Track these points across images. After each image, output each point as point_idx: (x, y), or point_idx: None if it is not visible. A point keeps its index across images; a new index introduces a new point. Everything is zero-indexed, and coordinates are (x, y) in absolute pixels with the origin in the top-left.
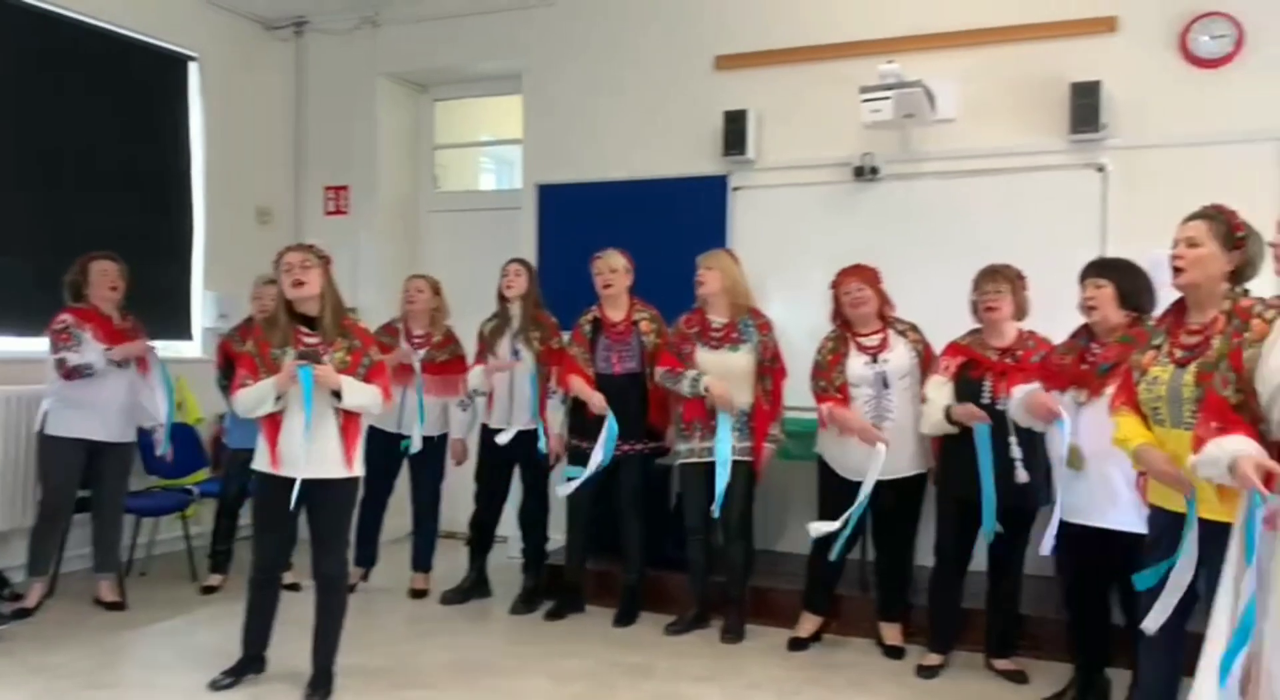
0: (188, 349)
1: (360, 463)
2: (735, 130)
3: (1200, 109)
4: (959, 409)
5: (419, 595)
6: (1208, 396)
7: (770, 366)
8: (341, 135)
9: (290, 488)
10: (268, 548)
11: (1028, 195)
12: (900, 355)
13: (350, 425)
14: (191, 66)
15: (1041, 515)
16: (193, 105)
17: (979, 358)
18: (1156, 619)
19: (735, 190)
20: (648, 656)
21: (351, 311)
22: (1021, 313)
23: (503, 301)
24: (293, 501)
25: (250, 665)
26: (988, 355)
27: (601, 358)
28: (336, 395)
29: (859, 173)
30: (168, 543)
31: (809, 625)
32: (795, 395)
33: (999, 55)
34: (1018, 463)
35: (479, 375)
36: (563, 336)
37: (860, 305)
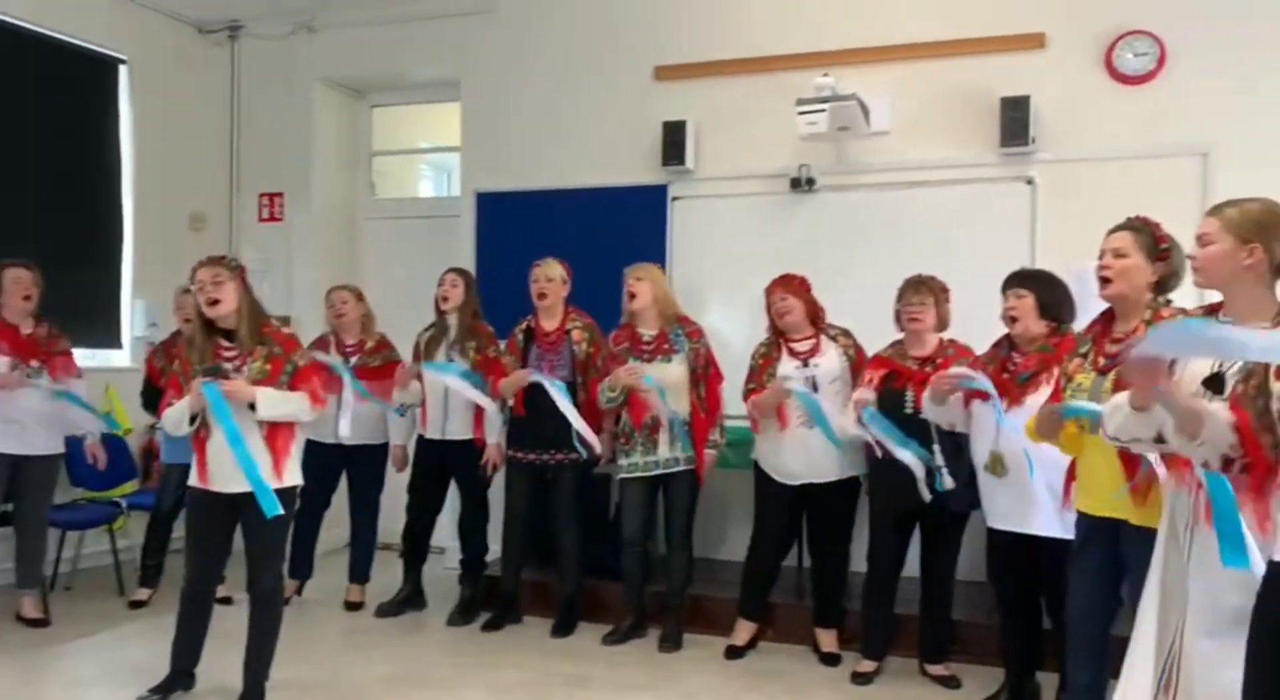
0: (117, 358)
1: (295, 473)
2: (674, 140)
3: (1125, 124)
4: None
5: (354, 607)
6: None
7: (704, 373)
8: (277, 141)
9: (222, 502)
10: (201, 562)
11: (960, 207)
12: (831, 360)
13: (277, 436)
14: (121, 69)
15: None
16: (123, 109)
17: (900, 368)
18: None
19: (675, 200)
20: (585, 667)
21: (280, 320)
22: (943, 324)
23: (440, 312)
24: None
25: (178, 681)
26: (908, 365)
27: (533, 367)
28: (253, 408)
29: (796, 184)
30: (94, 557)
31: (745, 633)
32: (734, 404)
33: (932, 70)
34: (942, 470)
35: (416, 389)
36: (499, 346)
37: (785, 314)
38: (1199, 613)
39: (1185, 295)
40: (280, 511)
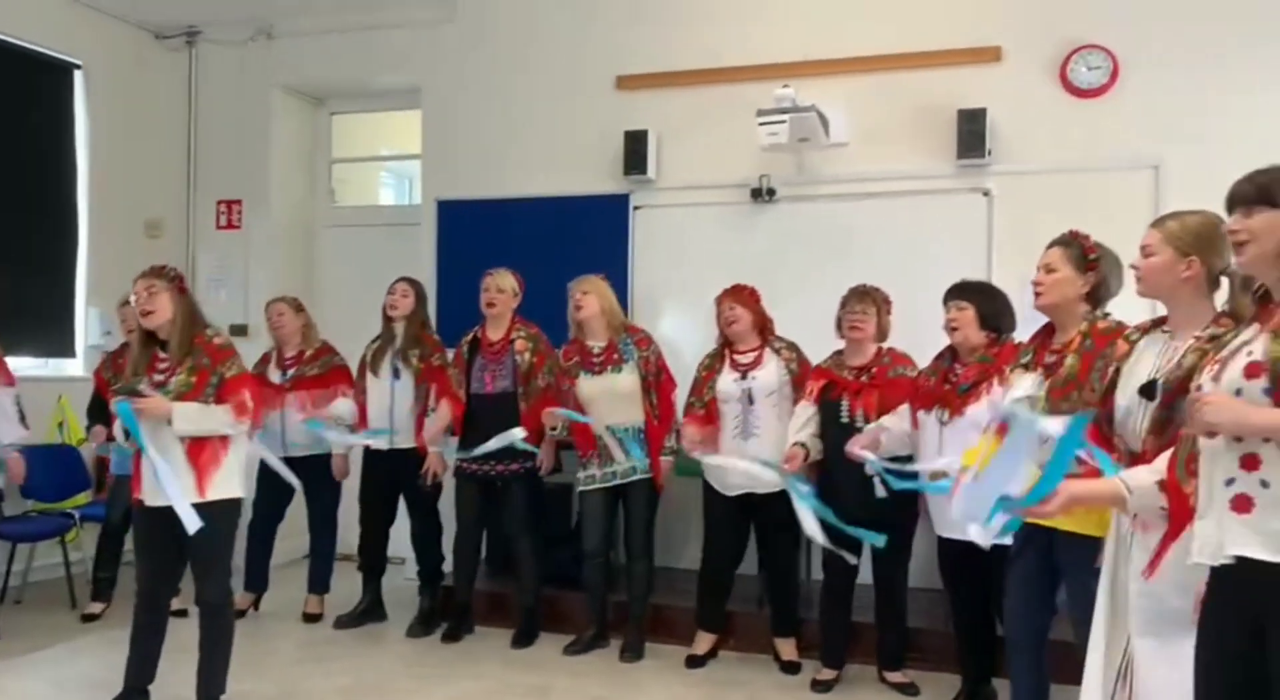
0: (70, 367)
1: (231, 486)
2: (636, 150)
3: (1079, 136)
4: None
5: (312, 619)
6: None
7: (656, 380)
8: (235, 148)
9: (162, 516)
10: (149, 575)
11: (918, 217)
12: (770, 373)
13: (201, 451)
14: (77, 74)
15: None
16: (78, 114)
17: (836, 379)
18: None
19: (636, 209)
20: (546, 677)
21: (212, 331)
22: (883, 335)
23: (387, 320)
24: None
25: (132, 697)
26: (844, 375)
27: (476, 377)
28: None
29: (756, 194)
30: (46, 569)
31: (705, 643)
32: (683, 394)
33: (890, 82)
34: (875, 480)
35: (346, 406)
36: (445, 354)
37: (732, 324)
38: (1139, 613)
39: (1128, 306)
40: (199, 527)
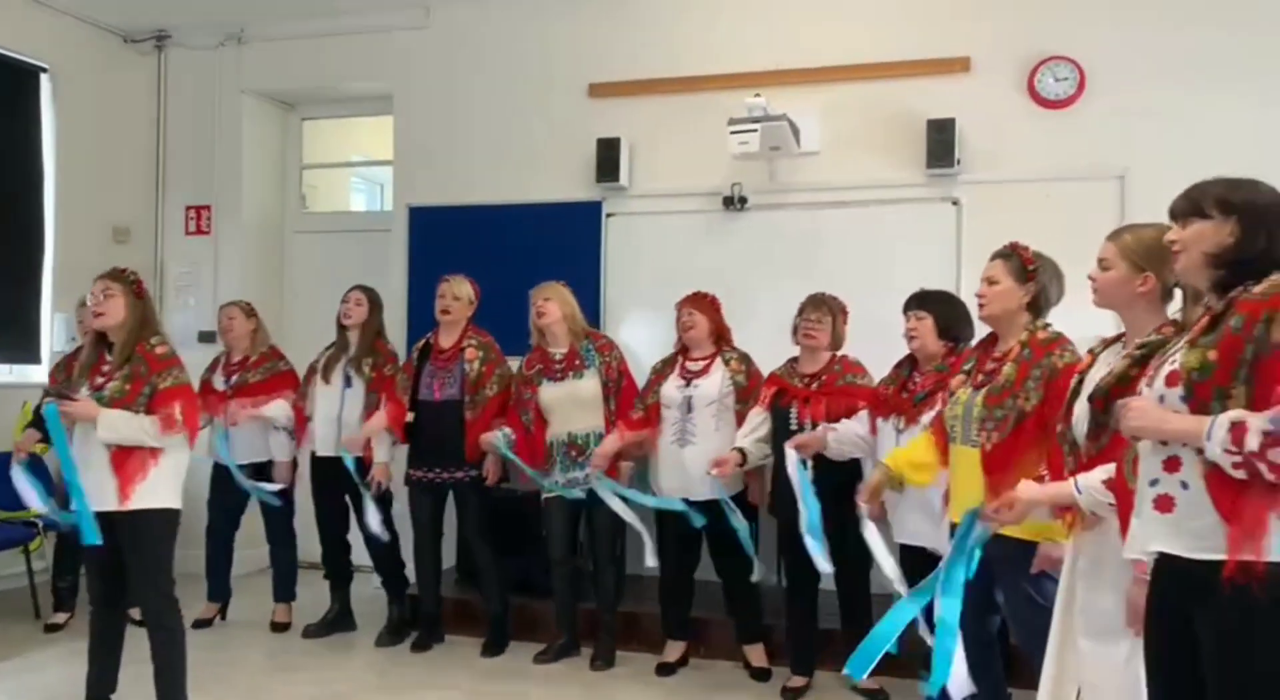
0: (36, 373)
1: (162, 495)
2: (609, 157)
3: (1046, 146)
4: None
5: (280, 628)
6: (1022, 428)
7: (617, 386)
8: (204, 153)
9: (99, 522)
10: (98, 582)
11: (887, 227)
12: (713, 382)
13: (126, 460)
14: (43, 78)
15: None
16: (45, 118)
17: (786, 385)
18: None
19: (609, 217)
20: (517, 686)
21: (157, 340)
22: (837, 344)
23: (341, 328)
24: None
25: None
26: (795, 382)
27: (425, 384)
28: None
29: (728, 202)
30: (9, 579)
31: (675, 650)
32: None
33: (860, 92)
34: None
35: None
36: (398, 364)
37: (688, 330)
38: (1082, 613)
39: (1086, 316)
40: (96, 542)
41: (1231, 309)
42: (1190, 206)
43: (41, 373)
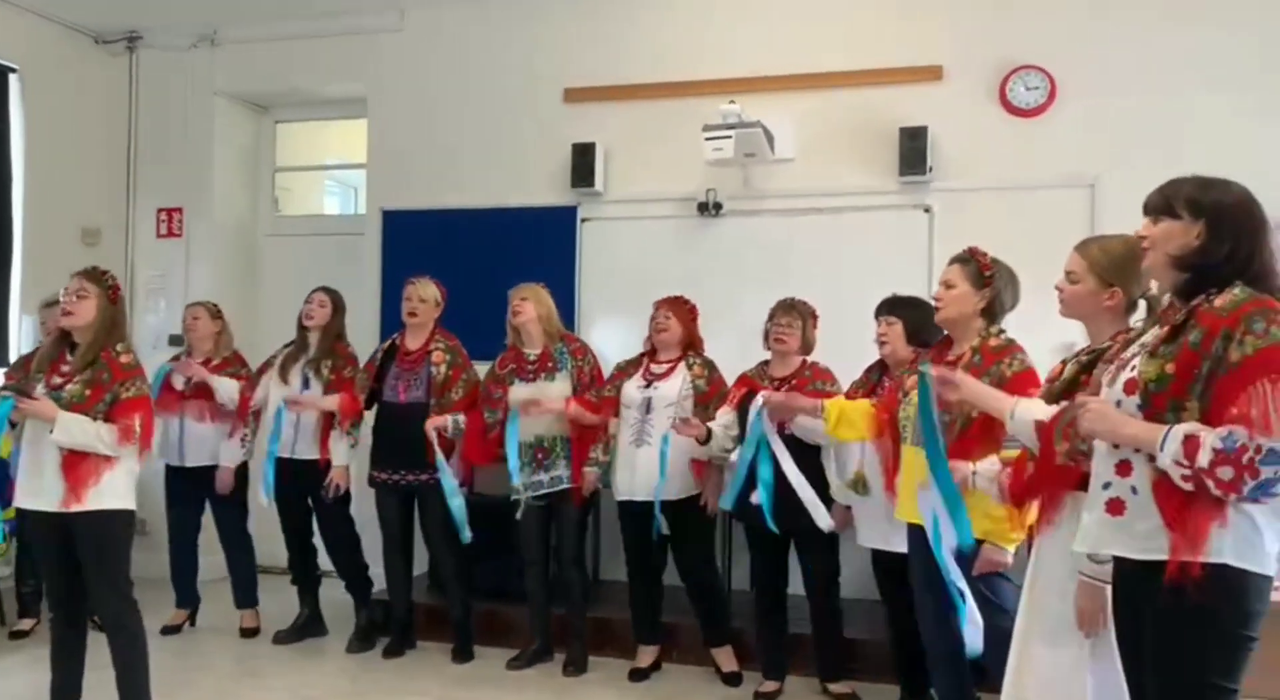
0: (3, 375)
1: (113, 497)
2: (584, 162)
3: (1017, 155)
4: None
5: (250, 634)
6: (970, 432)
7: (588, 391)
8: (176, 155)
9: (49, 522)
10: (55, 586)
11: (861, 233)
12: (673, 385)
13: (78, 464)
14: (12, 78)
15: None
16: (13, 119)
17: (756, 387)
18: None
19: (584, 222)
20: (489, 692)
21: (123, 348)
22: (807, 348)
23: (302, 329)
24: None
25: None
26: (765, 384)
27: (389, 385)
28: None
29: (703, 208)
30: None
31: (647, 655)
32: None
33: (834, 99)
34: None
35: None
36: (358, 368)
37: (661, 332)
38: (1033, 616)
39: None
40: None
41: (1192, 320)
42: (1162, 203)
43: None
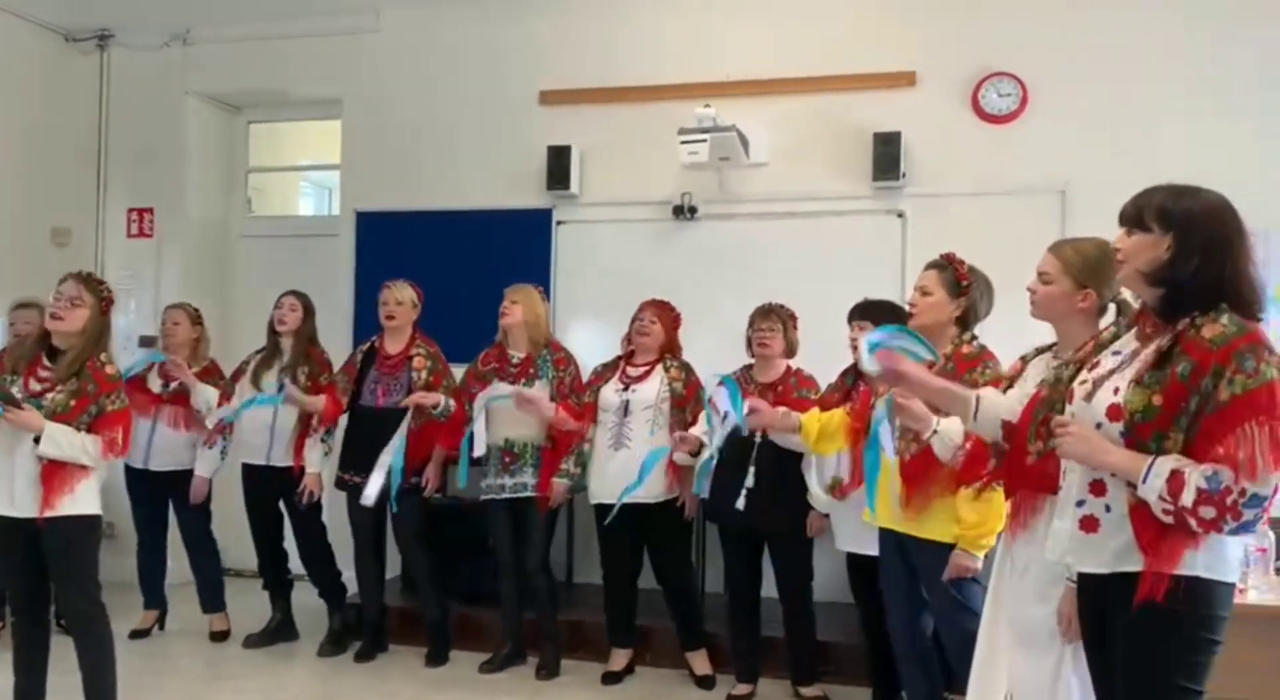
0: None
1: (83, 502)
2: (559, 165)
3: (990, 160)
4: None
5: (220, 638)
6: (976, 445)
7: (567, 401)
8: (148, 154)
9: (12, 524)
10: (17, 588)
11: (835, 238)
12: (651, 388)
13: (56, 472)
14: None
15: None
16: None
17: (744, 392)
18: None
19: (559, 224)
20: (461, 695)
21: (106, 358)
22: (790, 351)
23: (274, 334)
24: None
25: None
26: (751, 390)
27: (368, 389)
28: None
29: (678, 212)
30: None
31: (621, 659)
32: None
33: (808, 104)
34: (744, 490)
35: (212, 393)
36: (334, 373)
37: (644, 335)
38: (1011, 623)
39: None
40: None
41: (1180, 349)
42: (1135, 215)
43: None
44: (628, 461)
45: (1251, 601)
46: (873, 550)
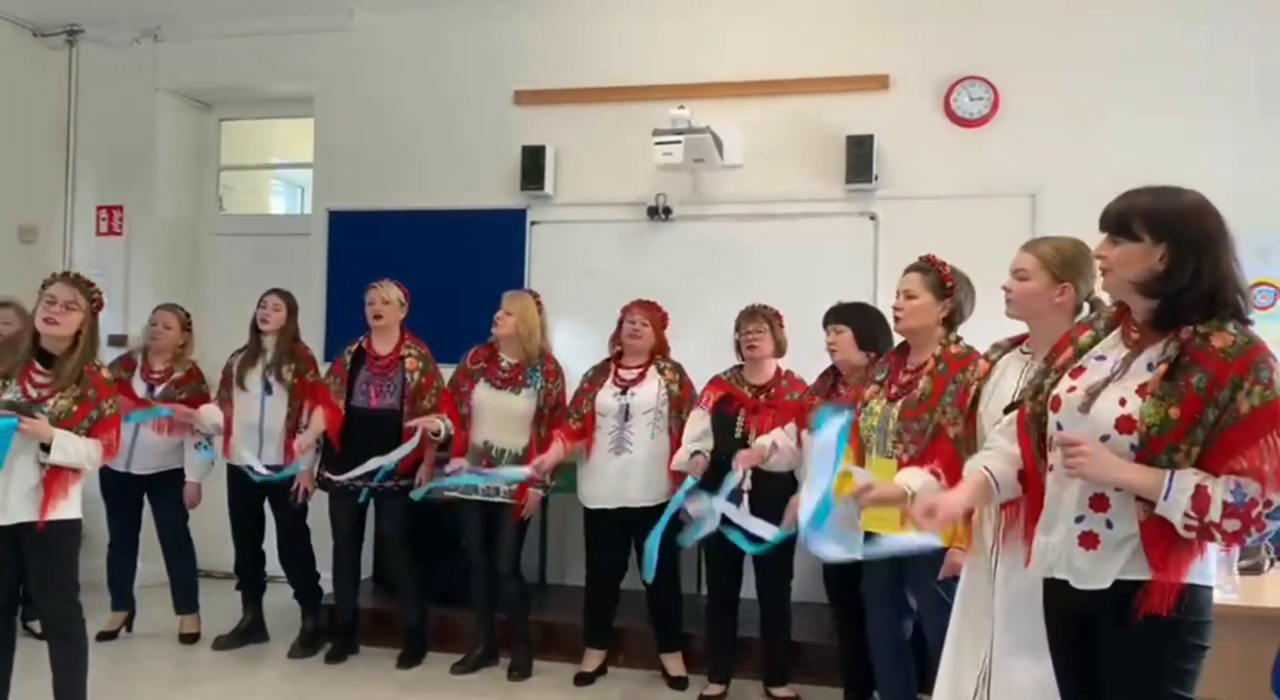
0: None
1: (70, 506)
2: (534, 165)
3: (961, 164)
4: (696, 459)
5: (190, 640)
6: (940, 440)
7: (552, 414)
8: (117, 151)
9: None
10: None
11: (808, 240)
12: (649, 391)
13: (57, 477)
14: None
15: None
16: None
17: (735, 393)
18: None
19: (533, 225)
20: (433, 696)
21: (99, 363)
22: (780, 349)
23: (257, 333)
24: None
25: None
26: (744, 391)
27: (359, 390)
28: (46, 448)
29: (653, 212)
30: None
31: (594, 660)
32: None
33: (782, 106)
34: (744, 495)
35: (216, 413)
36: (319, 369)
37: (636, 338)
38: (1004, 631)
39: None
40: None
41: (1189, 360)
42: (1119, 224)
43: None
44: (629, 465)
45: (1214, 600)
46: (855, 553)
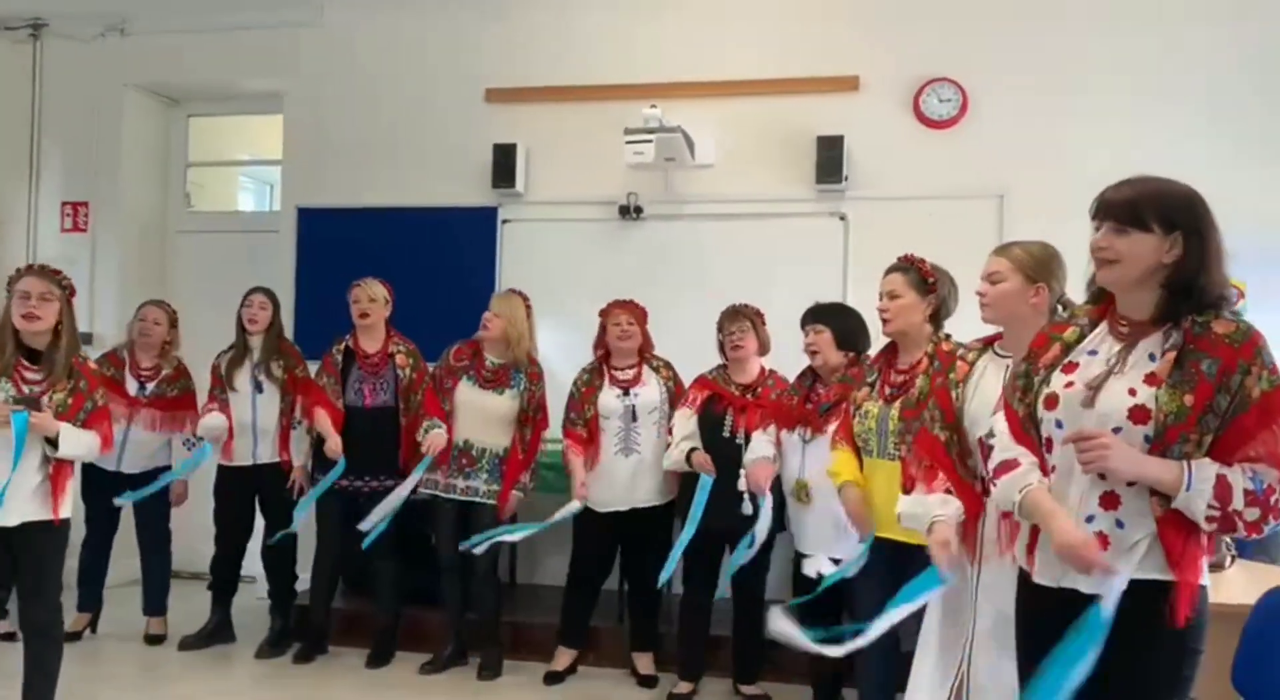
0: None
1: (69, 506)
2: (505, 163)
3: (930, 165)
4: (697, 456)
5: (155, 641)
6: (921, 434)
7: (533, 416)
8: (83, 147)
9: None
10: None
11: (778, 240)
12: (651, 390)
13: (60, 472)
14: None
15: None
16: None
17: (722, 392)
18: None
19: (505, 223)
20: (402, 696)
21: (83, 354)
22: (764, 348)
23: (244, 333)
24: None
25: None
26: (730, 390)
27: (353, 389)
28: (53, 443)
29: (624, 212)
30: None
31: (565, 659)
32: (554, 428)
33: (753, 107)
34: (745, 495)
35: (219, 420)
36: (308, 366)
37: (626, 339)
38: (991, 634)
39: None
40: None
41: (1193, 348)
42: (1131, 215)
43: None
44: (639, 466)
45: None
46: (839, 554)
